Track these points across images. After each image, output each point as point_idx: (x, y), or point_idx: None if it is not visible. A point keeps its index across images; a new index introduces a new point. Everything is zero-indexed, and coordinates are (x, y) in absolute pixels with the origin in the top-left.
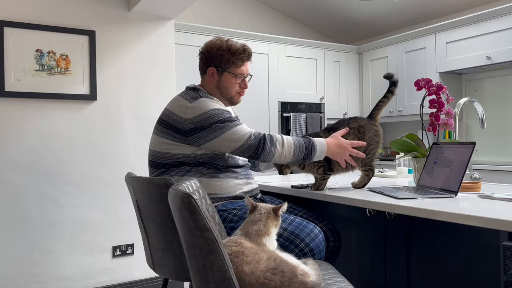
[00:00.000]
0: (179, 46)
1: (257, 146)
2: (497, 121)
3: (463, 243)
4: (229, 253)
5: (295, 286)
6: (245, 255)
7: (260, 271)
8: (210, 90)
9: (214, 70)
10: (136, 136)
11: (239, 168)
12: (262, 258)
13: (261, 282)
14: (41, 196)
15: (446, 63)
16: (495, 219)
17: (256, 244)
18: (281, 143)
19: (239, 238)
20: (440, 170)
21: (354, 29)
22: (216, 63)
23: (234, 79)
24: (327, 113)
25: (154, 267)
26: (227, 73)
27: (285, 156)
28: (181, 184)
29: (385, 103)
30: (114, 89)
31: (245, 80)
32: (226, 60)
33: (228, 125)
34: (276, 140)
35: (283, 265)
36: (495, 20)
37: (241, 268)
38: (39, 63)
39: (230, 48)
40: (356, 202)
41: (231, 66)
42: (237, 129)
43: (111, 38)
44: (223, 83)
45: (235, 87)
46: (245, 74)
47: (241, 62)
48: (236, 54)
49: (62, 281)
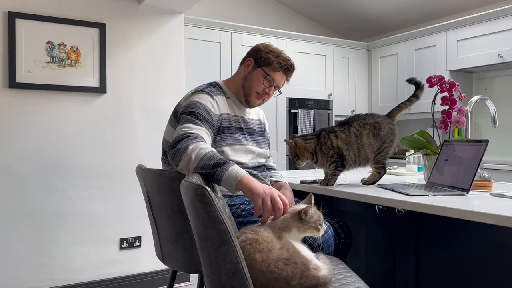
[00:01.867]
0: (189, 40)
1: (172, 147)
2: (508, 120)
3: (474, 242)
4: (244, 239)
5: (307, 279)
6: (259, 243)
7: (271, 260)
8: (235, 82)
9: (252, 62)
10: (144, 129)
11: (247, 168)
12: (275, 247)
13: (271, 271)
14: (49, 188)
15: (457, 61)
16: (506, 216)
17: (276, 236)
18: (187, 158)
19: (257, 227)
20: (451, 168)
21: (364, 25)
22: (257, 57)
23: (262, 79)
24: (335, 110)
25: (163, 259)
26: (261, 69)
27: (186, 165)
28: (193, 176)
29: (407, 106)
30: (123, 82)
31: (272, 88)
32: (267, 58)
33: (189, 118)
34: (185, 154)
35: (296, 256)
36: (507, 18)
37: (253, 255)
38: (50, 55)
39: (277, 52)
40: (366, 198)
41: (268, 66)
42: (187, 125)
43: (121, 31)
44: (252, 77)
45: (259, 86)
46: (275, 81)
47: (279, 68)
48: (280, 59)
49: (69, 272)
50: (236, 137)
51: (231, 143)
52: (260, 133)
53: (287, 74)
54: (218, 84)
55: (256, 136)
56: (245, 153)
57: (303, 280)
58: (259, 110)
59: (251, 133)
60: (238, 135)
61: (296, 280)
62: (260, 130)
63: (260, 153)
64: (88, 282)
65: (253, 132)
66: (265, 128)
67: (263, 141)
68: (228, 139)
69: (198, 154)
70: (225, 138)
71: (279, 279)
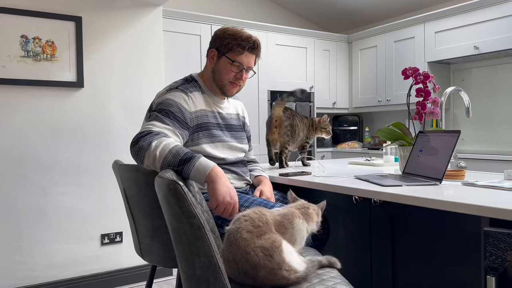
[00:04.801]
0: (168, 33)
1: (134, 144)
2: (484, 110)
3: (446, 229)
4: (245, 214)
5: (275, 277)
6: (253, 224)
7: (253, 243)
8: (207, 75)
9: (215, 52)
10: (123, 124)
11: (226, 165)
12: (263, 235)
13: (247, 251)
14: (28, 185)
15: (435, 52)
16: (476, 205)
17: (283, 222)
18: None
19: (266, 210)
20: (426, 158)
21: (344, 18)
22: (217, 45)
23: (229, 66)
24: (317, 102)
25: (142, 255)
26: (225, 57)
27: (152, 163)
28: (167, 171)
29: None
30: (101, 76)
31: (243, 72)
32: (227, 43)
33: (157, 116)
34: (148, 151)
35: (275, 252)
36: (483, 10)
37: (241, 231)
38: (25, 50)
39: (235, 34)
40: (343, 189)
41: (231, 52)
42: (152, 123)
43: (98, 24)
44: (219, 68)
45: (229, 74)
46: (244, 64)
47: (241, 49)
48: (239, 40)
49: (50, 269)
50: (215, 133)
51: (210, 140)
52: (239, 127)
53: (254, 52)
54: (194, 78)
55: (235, 132)
56: (225, 149)
57: (271, 277)
58: (237, 103)
59: (229, 128)
60: (217, 131)
61: (264, 273)
62: (238, 124)
63: (240, 148)
64: (69, 278)
65: (232, 128)
66: (244, 122)
67: (242, 136)
68: (207, 136)
69: (162, 151)
70: (204, 135)
71: (248, 261)
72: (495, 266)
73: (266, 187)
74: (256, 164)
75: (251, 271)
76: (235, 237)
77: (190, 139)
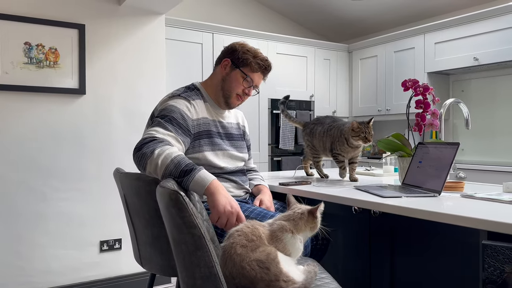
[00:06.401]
0: (170, 41)
1: (138, 150)
2: (483, 121)
3: (445, 241)
4: (238, 229)
5: None
6: (247, 238)
7: (248, 257)
8: (213, 84)
9: (229, 62)
10: (125, 131)
11: (225, 174)
12: (259, 248)
13: (242, 266)
14: (29, 190)
15: (435, 63)
16: (474, 218)
17: (273, 236)
18: (153, 162)
19: (258, 224)
20: (425, 170)
21: (345, 28)
22: (234, 57)
23: (241, 80)
24: (317, 111)
25: (141, 263)
26: (239, 71)
27: (154, 170)
28: (168, 181)
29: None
30: (103, 83)
31: (251, 88)
32: (246, 59)
33: (160, 122)
34: (150, 159)
35: (272, 264)
36: (483, 22)
37: (236, 246)
38: (28, 56)
39: (255, 52)
40: (343, 200)
41: (246, 67)
42: (155, 129)
43: (101, 32)
44: (230, 78)
45: (239, 88)
46: (254, 82)
47: (257, 68)
48: (258, 59)
49: (48, 275)
50: (216, 141)
51: (211, 147)
52: (239, 137)
53: (265, 74)
54: (196, 87)
55: (235, 141)
56: (225, 158)
57: None
58: (237, 112)
59: (229, 137)
60: (217, 139)
61: (262, 286)
62: (239, 134)
63: (240, 157)
64: (68, 285)
65: (232, 137)
66: (244, 131)
67: (242, 145)
68: (208, 144)
69: (164, 160)
70: (205, 143)
71: (245, 276)
72: (494, 278)
73: (266, 196)
74: (256, 172)
75: (249, 286)
76: (230, 253)
77: (192, 146)
